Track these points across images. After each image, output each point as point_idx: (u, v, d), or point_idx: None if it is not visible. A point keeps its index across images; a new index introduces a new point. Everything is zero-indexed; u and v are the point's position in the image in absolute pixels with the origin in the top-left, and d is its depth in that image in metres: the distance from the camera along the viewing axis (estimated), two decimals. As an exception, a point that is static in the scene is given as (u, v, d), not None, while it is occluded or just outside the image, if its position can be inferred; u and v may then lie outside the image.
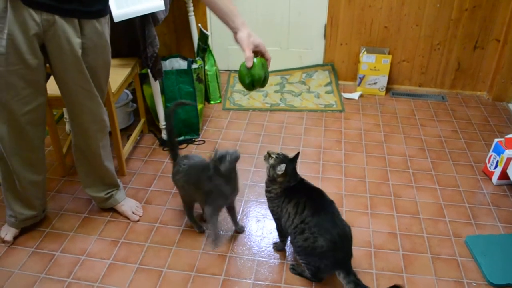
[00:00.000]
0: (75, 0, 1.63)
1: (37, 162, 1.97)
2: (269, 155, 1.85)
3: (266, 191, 1.91)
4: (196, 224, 2.15)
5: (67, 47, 1.69)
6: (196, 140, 2.85)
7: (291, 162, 1.83)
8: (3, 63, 1.63)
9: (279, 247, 2.04)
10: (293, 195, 1.83)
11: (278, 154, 1.84)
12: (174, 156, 2.10)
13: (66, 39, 1.68)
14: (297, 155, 1.86)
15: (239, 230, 2.15)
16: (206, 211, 2.00)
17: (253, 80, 1.64)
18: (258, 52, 1.67)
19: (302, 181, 1.89)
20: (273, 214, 1.94)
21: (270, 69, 1.71)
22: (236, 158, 1.84)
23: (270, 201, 1.91)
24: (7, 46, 1.60)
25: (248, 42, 1.63)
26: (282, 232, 1.97)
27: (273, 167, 1.81)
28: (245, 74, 1.63)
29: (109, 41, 1.85)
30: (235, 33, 1.67)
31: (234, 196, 2.03)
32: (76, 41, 1.70)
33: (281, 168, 1.77)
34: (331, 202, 1.82)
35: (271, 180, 1.87)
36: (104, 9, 1.77)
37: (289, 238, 1.99)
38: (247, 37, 1.64)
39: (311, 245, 1.75)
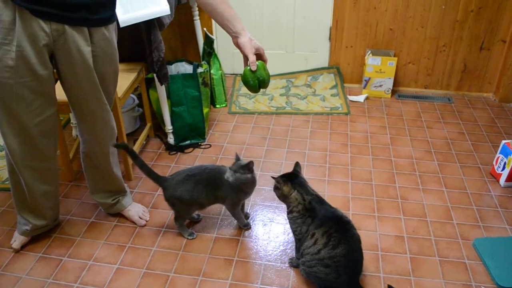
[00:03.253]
0: (84, 8, 1.63)
1: (49, 173, 1.96)
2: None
3: (288, 213, 1.85)
4: (186, 230, 2.15)
5: (77, 56, 1.70)
6: (202, 144, 2.85)
7: (289, 173, 1.87)
8: (13, 76, 1.62)
9: (294, 263, 1.98)
10: (322, 220, 1.76)
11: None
12: (157, 179, 2.08)
13: (76, 48, 1.68)
14: (296, 165, 1.91)
15: (245, 216, 2.26)
16: (227, 207, 2.14)
17: (259, 82, 1.71)
18: (257, 55, 1.73)
19: (323, 202, 1.83)
20: (295, 235, 1.87)
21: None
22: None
23: (293, 220, 1.83)
24: (16, 59, 1.59)
25: (251, 46, 1.69)
26: (300, 252, 1.89)
27: (276, 188, 1.86)
28: (251, 77, 1.70)
29: (117, 48, 1.86)
30: (235, 37, 1.71)
31: (252, 192, 2.12)
32: (86, 49, 1.70)
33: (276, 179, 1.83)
34: (359, 238, 1.79)
35: (284, 199, 1.84)
36: (112, 16, 1.77)
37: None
38: (249, 42, 1.69)
39: (332, 279, 1.74)
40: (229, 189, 2.03)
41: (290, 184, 1.82)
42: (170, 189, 2.02)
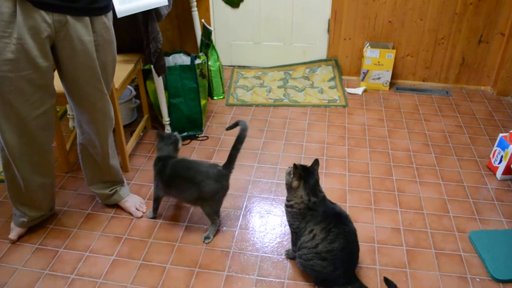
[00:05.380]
0: None
1: (46, 166, 1.96)
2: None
3: (288, 206, 1.82)
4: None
5: (79, 46, 1.69)
6: (199, 136, 2.85)
7: (306, 168, 1.79)
8: (12, 69, 1.60)
9: (290, 255, 1.99)
10: (321, 217, 1.76)
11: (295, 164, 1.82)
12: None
13: (78, 38, 1.67)
14: (315, 163, 1.81)
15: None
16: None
17: None
18: None
19: (324, 199, 1.81)
20: (292, 228, 1.86)
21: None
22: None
23: (291, 215, 1.82)
24: (17, 52, 1.57)
25: None
26: (297, 245, 1.89)
27: (288, 173, 1.80)
28: None
29: (115, 36, 1.85)
30: None
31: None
32: (88, 39, 1.70)
33: (290, 169, 1.75)
34: (355, 231, 1.80)
35: (289, 189, 1.81)
36: (109, 4, 1.77)
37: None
38: None
39: (329, 272, 1.75)
40: None
41: (303, 182, 1.76)
42: None
